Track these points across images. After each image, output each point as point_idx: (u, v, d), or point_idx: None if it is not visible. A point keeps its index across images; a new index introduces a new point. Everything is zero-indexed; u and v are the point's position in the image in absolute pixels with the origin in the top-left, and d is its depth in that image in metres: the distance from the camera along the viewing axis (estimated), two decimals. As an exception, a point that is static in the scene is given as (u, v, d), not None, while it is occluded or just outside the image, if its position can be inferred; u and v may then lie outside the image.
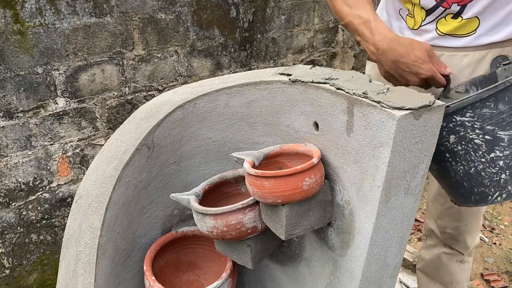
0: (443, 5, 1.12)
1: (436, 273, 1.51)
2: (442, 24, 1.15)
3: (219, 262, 1.16)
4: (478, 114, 0.80)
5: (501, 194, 0.84)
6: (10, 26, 1.46)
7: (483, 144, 0.82)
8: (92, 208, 0.96)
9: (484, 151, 0.82)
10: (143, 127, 1.03)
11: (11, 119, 1.54)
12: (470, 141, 0.82)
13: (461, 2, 1.09)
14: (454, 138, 0.84)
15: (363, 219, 0.86)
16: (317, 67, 1.02)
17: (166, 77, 1.86)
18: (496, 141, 0.81)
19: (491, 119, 0.80)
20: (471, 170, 0.84)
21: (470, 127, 0.81)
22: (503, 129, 0.80)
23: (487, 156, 0.82)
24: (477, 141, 0.82)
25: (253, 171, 0.87)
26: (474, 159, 0.83)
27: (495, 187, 0.84)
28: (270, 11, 2.10)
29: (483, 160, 0.83)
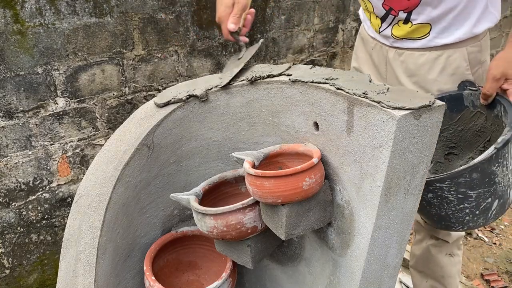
0: (392, 13, 1.23)
1: (427, 268, 1.53)
2: (396, 29, 1.26)
3: (219, 262, 1.16)
4: (455, 182, 0.97)
5: (463, 227, 1.06)
6: (10, 26, 1.46)
7: (455, 200, 1.00)
8: (92, 208, 0.96)
9: (455, 203, 1.00)
10: (143, 127, 1.03)
11: (11, 119, 1.54)
12: (445, 197, 1.00)
13: (406, 9, 1.20)
14: (432, 195, 1.02)
15: (363, 219, 0.86)
16: (317, 67, 1.02)
17: (166, 77, 1.86)
18: (466, 197, 0.99)
19: (465, 184, 0.97)
20: (442, 213, 1.04)
21: (446, 190, 0.99)
22: (473, 189, 0.98)
23: (457, 207, 1.01)
24: (450, 198, 1.00)
25: (253, 171, 0.87)
26: (445, 207, 1.02)
27: (459, 223, 1.04)
28: (270, 11, 2.10)
29: (453, 209, 1.02)
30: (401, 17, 1.22)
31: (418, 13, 1.19)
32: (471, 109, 1.17)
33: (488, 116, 1.14)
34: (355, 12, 2.46)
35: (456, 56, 1.21)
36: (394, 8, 1.21)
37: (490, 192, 0.99)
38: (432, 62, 1.24)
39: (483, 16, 1.19)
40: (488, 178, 0.97)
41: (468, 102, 1.16)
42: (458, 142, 1.24)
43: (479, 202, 1.00)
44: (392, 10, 1.22)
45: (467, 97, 1.15)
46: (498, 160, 0.96)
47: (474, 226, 1.05)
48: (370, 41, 1.40)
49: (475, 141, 1.21)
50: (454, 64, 1.22)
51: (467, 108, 1.17)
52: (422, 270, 1.56)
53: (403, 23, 1.23)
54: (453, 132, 1.24)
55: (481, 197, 0.99)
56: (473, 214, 1.02)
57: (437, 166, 1.28)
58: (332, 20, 2.38)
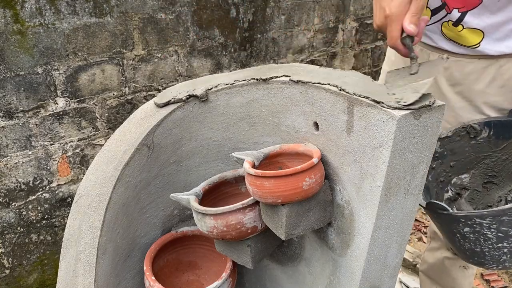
0: (445, 9, 1.10)
1: (439, 277, 1.50)
2: (445, 28, 1.13)
3: (219, 262, 1.16)
4: (497, 220, 0.90)
5: (497, 266, 0.98)
6: (10, 26, 1.46)
7: (494, 237, 0.92)
8: (92, 208, 0.96)
9: (494, 242, 0.93)
10: (143, 127, 1.03)
11: (11, 119, 1.54)
12: (483, 234, 0.93)
13: (461, 8, 1.07)
14: (469, 230, 0.94)
15: (363, 219, 0.86)
16: (317, 67, 1.02)
17: (166, 77, 1.86)
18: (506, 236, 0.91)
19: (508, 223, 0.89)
20: (477, 249, 0.96)
21: (486, 227, 0.91)
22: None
23: (495, 246, 0.94)
24: (489, 235, 0.93)
25: (253, 171, 0.87)
26: (482, 244, 0.95)
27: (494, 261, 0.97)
28: (270, 11, 2.10)
29: (490, 247, 0.94)
30: (453, 16, 1.09)
31: (473, 16, 1.07)
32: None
33: None
34: (355, 12, 2.46)
35: (509, 66, 1.10)
36: (449, 4, 1.08)
37: None
38: (481, 71, 1.12)
39: None
40: None
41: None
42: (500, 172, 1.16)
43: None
44: (446, 6, 1.09)
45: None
46: None
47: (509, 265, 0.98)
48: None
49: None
50: (506, 74, 1.10)
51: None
52: (432, 277, 1.53)
53: (453, 25, 1.10)
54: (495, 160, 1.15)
55: None
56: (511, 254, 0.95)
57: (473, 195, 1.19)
58: (332, 20, 2.38)
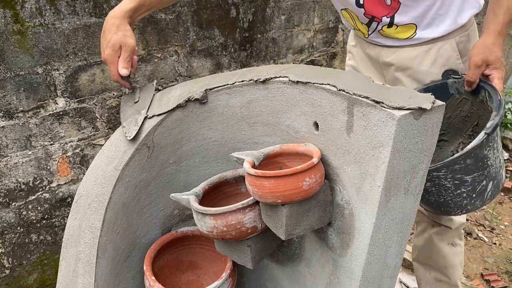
0: (375, 20, 1.26)
1: (430, 259, 1.54)
2: (382, 33, 1.29)
3: (219, 262, 1.16)
4: (450, 170, 1.01)
5: (461, 211, 1.10)
6: (10, 26, 1.46)
7: (452, 186, 1.04)
8: (92, 208, 0.96)
9: (453, 189, 1.05)
10: (143, 127, 1.03)
11: (11, 119, 1.54)
12: (442, 185, 1.04)
13: (388, 14, 1.23)
14: (430, 184, 1.05)
15: (363, 219, 0.86)
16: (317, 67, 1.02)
17: (166, 77, 1.86)
18: (462, 183, 1.03)
19: (460, 170, 1.01)
20: (441, 200, 1.08)
21: (443, 178, 1.02)
22: (468, 174, 1.02)
23: (454, 193, 1.05)
24: (447, 185, 1.04)
25: (253, 171, 0.87)
26: (444, 194, 1.06)
27: (458, 207, 1.09)
28: (270, 11, 2.10)
29: (451, 195, 1.06)
30: (385, 22, 1.25)
31: (400, 16, 1.22)
32: (457, 96, 1.21)
33: (474, 101, 1.19)
34: (355, 12, 2.46)
35: (446, 47, 1.25)
36: (376, 15, 1.25)
37: (484, 175, 1.04)
38: (424, 55, 1.27)
39: (465, 5, 1.22)
40: (481, 162, 1.02)
41: (453, 90, 1.20)
42: (447, 129, 1.28)
43: (475, 186, 1.04)
44: (375, 18, 1.26)
45: (451, 85, 1.20)
46: (489, 144, 1.01)
47: (472, 208, 1.10)
48: (363, 42, 1.43)
49: (463, 126, 1.25)
50: (444, 55, 1.25)
51: (453, 95, 1.22)
52: (424, 262, 1.56)
53: (387, 27, 1.26)
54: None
55: (476, 181, 1.04)
56: (470, 197, 1.06)
57: None
58: (332, 20, 2.38)
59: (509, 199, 2.70)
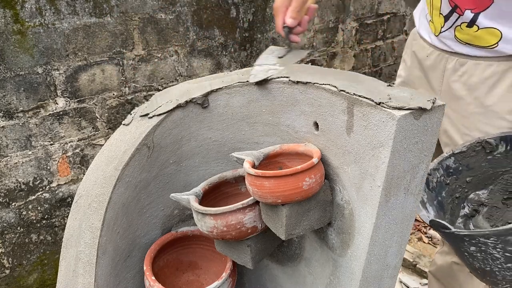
0: (457, 11, 1.08)
1: (446, 280, 1.50)
2: (459, 32, 1.11)
3: (219, 262, 1.16)
4: (502, 240, 0.85)
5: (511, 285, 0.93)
6: (10, 26, 1.46)
7: (502, 257, 0.88)
8: (92, 208, 0.96)
9: (502, 261, 0.89)
10: (143, 127, 1.03)
11: (11, 119, 1.54)
12: (490, 254, 0.88)
13: (474, 9, 1.04)
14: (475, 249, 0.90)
15: (363, 219, 0.86)
16: (317, 67, 1.02)
17: (166, 77, 1.86)
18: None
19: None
20: (487, 268, 0.92)
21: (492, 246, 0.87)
22: None
23: (504, 265, 0.89)
24: (496, 255, 0.88)
25: (253, 171, 0.87)
26: (491, 264, 0.90)
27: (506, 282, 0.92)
28: (270, 11, 2.10)
29: (499, 267, 0.90)
30: (466, 18, 1.06)
31: (487, 16, 1.03)
32: None
33: None
34: (355, 12, 2.46)
35: None
36: (460, 5, 1.06)
37: None
38: (500, 74, 1.07)
39: None
40: None
41: None
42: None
43: None
44: (457, 8, 1.07)
45: None
46: None
47: None
48: (425, 47, 1.25)
49: None
50: None
51: None
52: (440, 279, 1.53)
53: (467, 26, 1.07)
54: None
55: None
56: None
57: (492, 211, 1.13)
58: (332, 20, 2.38)
59: (509, 199, 2.70)
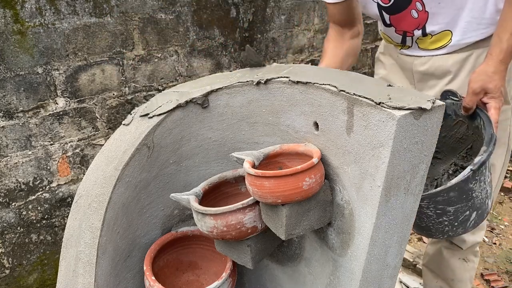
0: (408, 35, 1.25)
1: (438, 268, 1.53)
2: (420, 43, 1.26)
3: (219, 262, 1.16)
4: (433, 201, 1.00)
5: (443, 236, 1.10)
6: (10, 26, 1.46)
7: (434, 215, 1.03)
8: (92, 208, 0.96)
9: (434, 217, 1.04)
10: (143, 127, 1.03)
11: (11, 119, 1.54)
12: (424, 213, 1.03)
13: (419, 26, 1.21)
14: None
15: (363, 219, 0.86)
16: (317, 67, 1.02)
17: (166, 77, 1.86)
18: (444, 212, 1.03)
19: (442, 202, 1.00)
20: (422, 224, 1.07)
21: (425, 207, 1.02)
22: (451, 206, 1.01)
23: (436, 220, 1.05)
24: (429, 213, 1.03)
25: (253, 171, 0.87)
26: (425, 221, 1.06)
27: (439, 232, 1.09)
28: (270, 11, 2.10)
29: (432, 222, 1.06)
30: (418, 34, 1.23)
31: (431, 25, 1.19)
32: (454, 117, 1.19)
33: (470, 125, 1.16)
34: (355, 12, 2.46)
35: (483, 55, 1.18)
36: (407, 30, 1.22)
37: (468, 206, 1.02)
38: (461, 63, 1.23)
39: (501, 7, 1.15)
40: (465, 195, 1.00)
41: (451, 111, 1.18)
42: (441, 147, 1.25)
43: (457, 216, 1.03)
44: (407, 33, 1.23)
45: (449, 106, 1.17)
46: (475, 178, 0.99)
47: (454, 235, 1.09)
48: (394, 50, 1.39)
49: (457, 146, 1.23)
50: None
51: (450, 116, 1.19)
52: (433, 270, 1.56)
53: (422, 37, 1.23)
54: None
55: (459, 211, 1.03)
56: (452, 225, 1.05)
57: None
58: (332, 20, 2.37)
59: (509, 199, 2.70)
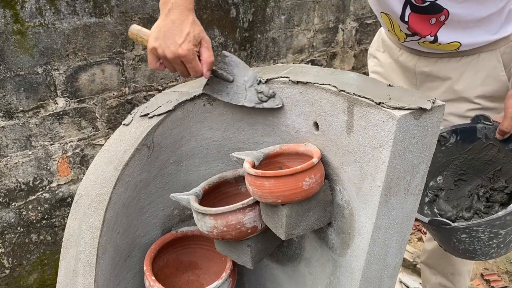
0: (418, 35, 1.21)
1: (438, 264, 1.53)
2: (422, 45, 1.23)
3: (219, 262, 1.16)
4: (490, 225, 1.02)
5: (485, 257, 1.12)
6: (10, 26, 1.46)
7: (486, 238, 1.05)
8: (92, 208, 0.96)
9: (485, 241, 1.06)
10: (143, 127, 1.03)
11: (11, 119, 1.54)
12: (478, 237, 1.05)
13: (432, 33, 1.18)
14: (466, 236, 1.06)
15: (363, 219, 0.86)
16: (317, 67, 1.02)
17: (166, 77, 1.86)
18: (496, 235, 1.05)
19: (498, 225, 1.02)
20: (470, 248, 1.09)
21: (481, 231, 1.04)
22: (504, 228, 1.04)
23: (486, 243, 1.07)
24: (482, 237, 1.05)
25: (253, 171, 0.87)
26: (475, 244, 1.07)
27: (484, 255, 1.11)
28: (270, 11, 2.10)
29: (482, 245, 1.07)
30: (428, 39, 1.20)
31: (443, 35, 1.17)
32: (483, 140, 1.19)
33: (501, 148, 1.17)
34: (355, 12, 2.46)
35: (490, 58, 1.19)
36: (420, 33, 1.19)
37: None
38: (466, 65, 1.22)
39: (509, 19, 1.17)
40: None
41: (481, 135, 1.18)
42: (467, 170, 1.27)
43: (505, 238, 1.06)
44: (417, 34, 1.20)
45: (480, 130, 1.18)
46: None
47: (496, 255, 1.12)
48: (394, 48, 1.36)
49: (484, 168, 1.24)
50: (489, 66, 1.20)
51: (480, 139, 1.20)
52: (432, 266, 1.56)
53: (430, 43, 1.21)
54: (463, 161, 1.27)
55: (508, 233, 1.06)
56: (499, 247, 1.08)
57: (448, 193, 1.31)
58: (332, 20, 2.38)
59: (509, 199, 2.70)
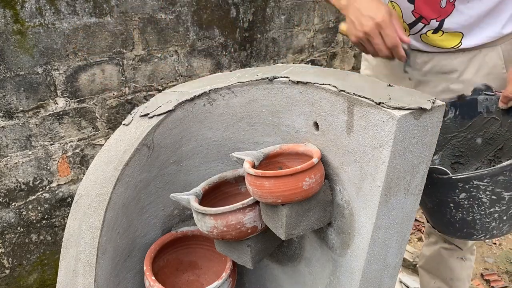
0: (422, 21, 1.15)
1: (437, 269, 1.52)
2: (425, 38, 1.19)
3: (219, 262, 1.16)
4: (494, 180, 0.92)
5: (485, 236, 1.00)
6: (10, 26, 1.46)
7: (488, 201, 0.95)
8: (92, 208, 0.96)
9: (486, 206, 0.95)
10: (143, 127, 1.03)
11: (11, 119, 1.54)
12: (478, 199, 0.95)
13: (439, 18, 1.12)
14: (464, 196, 0.96)
15: (363, 219, 0.86)
16: (316, 67, 1.02)
17: (166, 77, 1.86)
18: (499, 199, 0.94)
19: (502, 183, 0.92)
20: (469, 218, 0.98)
21: (482, 189, 0.93)
22: (508, 190, 0.93)
23: (486, 210, 0.96)
24: (483, 199, 0.95)
25: (253, 171, 0.87)
26: (475, 211, 0.97)
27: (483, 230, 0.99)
28: (270, 11, 2.10)
29: (482, 213, 0.97)
30: (432, 26, 1.15)
31: (450, 21, 1.13)
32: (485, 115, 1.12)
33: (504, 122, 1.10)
34: (355, 12, 2.46)
35: (492, 55, 1.16)
36: (426, 16, 1.14)
37: None
38: (468, 62, 1.18)
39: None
40: None
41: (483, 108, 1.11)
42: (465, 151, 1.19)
43: (509, 206, 0.97)
44: (422, 19, 1.15)
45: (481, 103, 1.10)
46: None
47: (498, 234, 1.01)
48: None
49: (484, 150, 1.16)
50: (490, 63, 1.17)
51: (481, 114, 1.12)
52: (431, 271, 1.55)
53: (433, 33, 1.16)
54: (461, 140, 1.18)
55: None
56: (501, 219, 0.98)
57: None
58: (332, 20, 2.38)
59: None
